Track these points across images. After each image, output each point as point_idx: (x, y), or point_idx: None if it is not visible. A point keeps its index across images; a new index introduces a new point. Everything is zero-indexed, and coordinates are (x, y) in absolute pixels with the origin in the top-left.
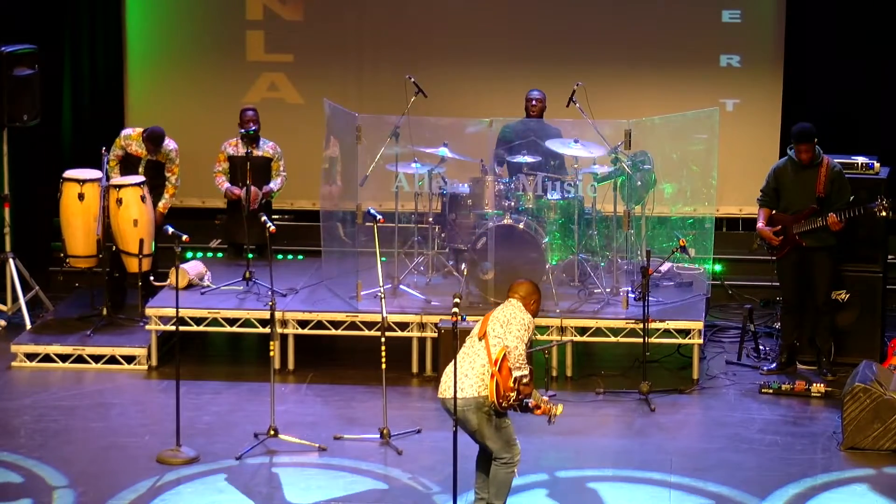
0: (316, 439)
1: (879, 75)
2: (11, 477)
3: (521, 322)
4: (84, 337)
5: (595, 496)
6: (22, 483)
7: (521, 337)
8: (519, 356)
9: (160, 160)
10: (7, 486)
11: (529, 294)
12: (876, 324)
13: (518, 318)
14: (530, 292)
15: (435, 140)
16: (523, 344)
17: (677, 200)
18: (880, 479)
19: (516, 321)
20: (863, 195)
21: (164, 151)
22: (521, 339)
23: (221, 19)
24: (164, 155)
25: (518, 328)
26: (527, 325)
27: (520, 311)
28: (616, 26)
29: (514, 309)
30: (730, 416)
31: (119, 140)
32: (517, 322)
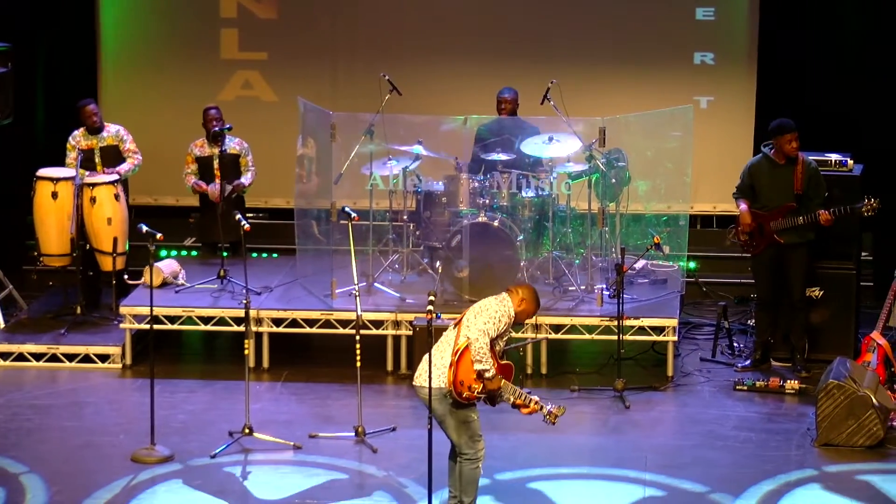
0: (291, 437)
1: (852, 73)
2: None
3: (493, 314)
4: (58, 336)
5: (570, 494)
6: None
7: (487, 329)
8: (479, 349)
9: (112, 144)
10: None
11: (524, 296)
12: (850, 321)
13: (492, 309)
14: (526, 296)
15: (409, 138)
16: (487, 336)
17: (652, 198)
18: (854, 476)
19: (487, 312)
20: (836, 192)
21: (112, 134)
22: (485, 331)
23: (195, 17)
24: (115, 137)
25: (486, 319)
26: (498, 317)
27: (500, 303)
28: (590, 23)
29: (495, 300)
30: (704, 413)
31: (69, 143)
32: (487, 313)
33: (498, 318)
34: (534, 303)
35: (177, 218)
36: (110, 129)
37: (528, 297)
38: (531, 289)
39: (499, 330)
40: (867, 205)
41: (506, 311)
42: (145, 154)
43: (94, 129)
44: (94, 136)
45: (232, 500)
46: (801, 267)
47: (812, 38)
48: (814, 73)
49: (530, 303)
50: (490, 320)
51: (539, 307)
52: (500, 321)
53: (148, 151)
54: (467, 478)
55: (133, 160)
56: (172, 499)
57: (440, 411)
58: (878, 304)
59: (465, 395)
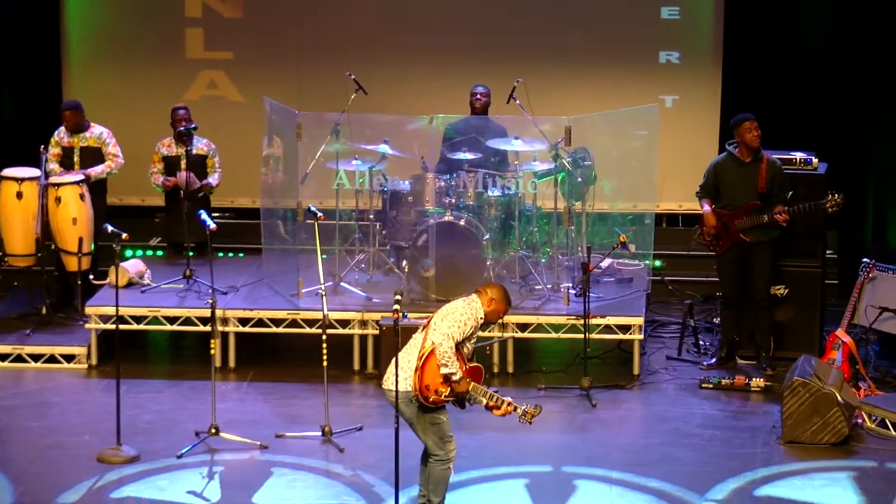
0: (258, 437)
1: (816, 72)
2: None
3: (458, 317)
4: (23, 336)
5: (538, 492)
6: None
7: (451, 333)
8: (444, 353)
9: (93, 145)
10: None
11: (494, 296)
12: (815, 319)
13: (458, 311)
14: (496, 296)
15: (375, 137)
16: (452, 340)
17: (617, 196)
18: (820, 473)
19: (453, 316)
20: (802, 191)
21: (94, 136)
22: (449, 335)
23: (160, 17)
24: (97, 139)
25: (451, 323)
26: (463, 321)
27: (468, 305)
28: (556, 22)
29: (463, 303)
30: (670, 411)
31: (53, 138)
32: (453, 317)
33: (464, 321)
34: (504, 302)
35: (142, 218)
36: (94, 131)
37: (498, 297)
38: (501, 288)
39: (464, 333)
40: (831, 200)
41: (473, 313)
42: None
43: (74, 130)
44: (75, 135)
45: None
46: (765, 265)
47: (776, 37)
48: (778, 71)
49: (500, 303)
50: (455, 324)
51: (510, 306)
52: (466, 324)
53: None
54: (437, 478)
55: (110, 163)
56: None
57: (408, 414)
58: (843, 301)
59: (431, 399)
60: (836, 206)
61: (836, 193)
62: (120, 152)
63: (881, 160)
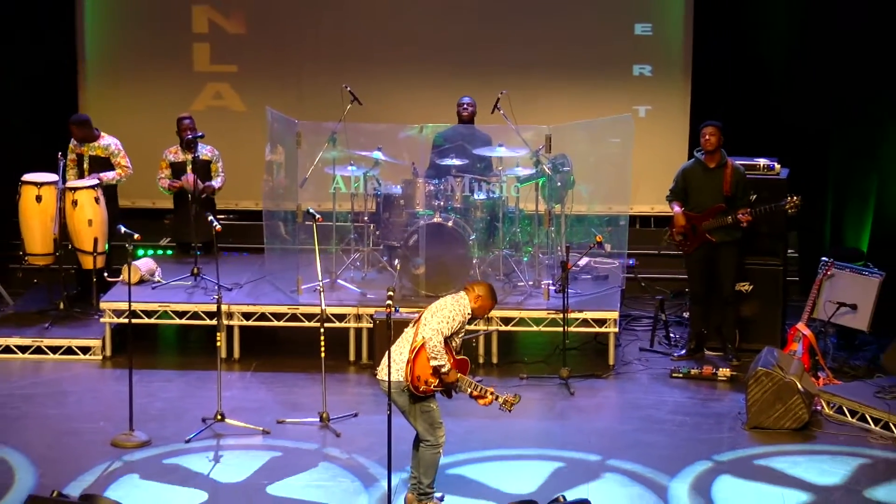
0: (260, 423)
1: (780, 83)
2: None
3: (447, 313)
4: (42, 329)
5: (519, 472)
6: None
7: (440, 329)
8: (434, 347)
9: (100, 155)
10: None
11: (480, 293)
12: (777, 313)
13: (448, 308)
14: (482, 294)
15: (369, 145)
16: (441, 335)
17: (594, 199)
18: (782, 456)
19: (442, 312)
20: (765, 194)
21: (102, 146)
22: (439, 330)
23: (170, 32)
24: (104, 149)
25: (440, 319)
26: (452, 316)
27: (456, 302)
28: (537, 39)
29: (452, 300)
30: (643, 398)
31: (70, 144)
32: (442, 313)
33: (452, 317)
34: (490, 299)
35: (153, 219)
36: (102, 141)
37: (484, 294)
38: (487, 286)
39: (452, 328)
40: (790, 202)
41: (461, 309)
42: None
43: (81, 141)
44: (85, 144)
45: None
46: (731, 263)
47: (743, 51)
48: (745, 82)
49: (486, 299)
50: (444, 320)
51: (496, 302)
52: (454, 320)
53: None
54: (427, 462)
55: (120, 172)
56: (150, 481)
57: (400, 402)
58: (803, 297)
59: (422, 389)
60: (795, 208)
61: (795, 195)
62: (129, 163)
63: (839, 165)
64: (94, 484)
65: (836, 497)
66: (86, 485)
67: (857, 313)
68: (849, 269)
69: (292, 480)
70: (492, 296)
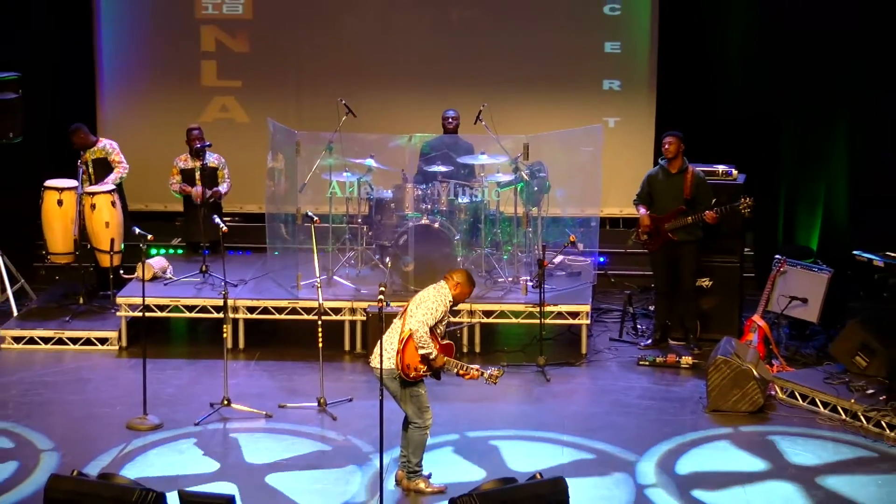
0: (263, 408)
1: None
2: (3, 442)
3: (431, 305)
4: (63, 322)
5: (499, 452)
6: (13, 448)
7: (426, 320)
8: (421, 337)
9: (100, 157)
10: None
11: (459, 281)
12: (735, 306)
13: (430, 300)
14: (460, 281)
15: (363, 153)
16: (426, 326)
17: (568, 203)
18: (739, 436)
19: (426, 304)
20: (723, 198)
21: (100, 148)
22: (424, 322)
23: (180, 50)
24: (102, 151)
25: (424, 311)
26: (434, 307)
27: (437, 292)
28: (515, 56)
29: (434, 290)
30: (613, 384)
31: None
32: (426, 305)
33: (435, 307)
34: (468, 285)
35: (165, 221)
36: (99, 144)
37: (462, 281)
38: (465, 273)
39: (436, 318)
40: (744, 202)
41: (442, 299)
42: (137, 166)
43: (81, 148)
44: (85, 151)
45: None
46: (692, 261)
47: (704, 67)
48: (705, 96)
49: (465, 285)
50: (428, 311)
51: (474, 287)
52: (437, 310)
53: (139, 164)
54: (415, 442)
55: (119, 170)
56: (162, 460)
57: (392, 388)
58: (759, 291)
59: (412, 375)
60: (749, 208)
61: (748, 197)
62: (124, 160)
63: (791, 171)
64: (111, 463)
65: (788, 474)
66: (103, 464)
67: (807, 306)
68: (800, 266)
69: (292, 460)
70: (470, 282)
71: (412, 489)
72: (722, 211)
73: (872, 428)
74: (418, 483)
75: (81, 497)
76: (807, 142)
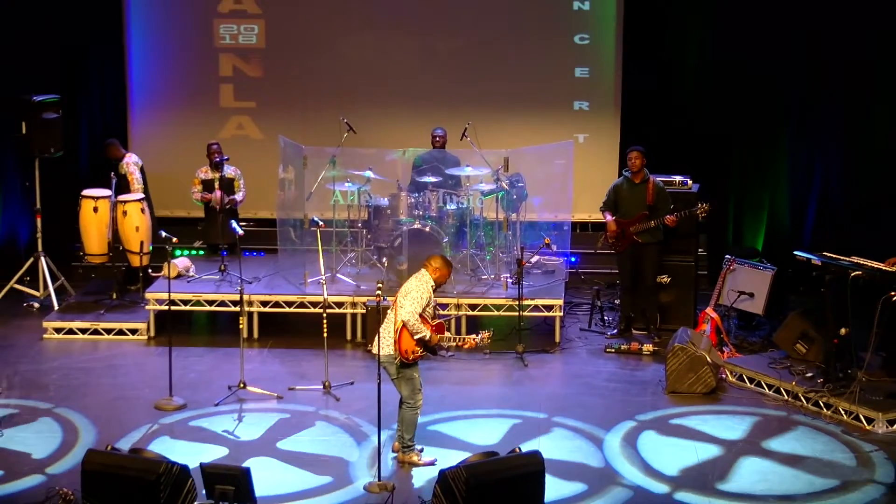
0: (274, 390)
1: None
2: (46, 421)
3: (415, 295)
4: (98, 315)
5: (484, 428)
6: (55, 426)
7: (414, 310)
8: (413, 325)
9: (121, 172)
10: (43, 425)
11: (437, 265)
12: (690, 300)
13: (414, 290)
14: (438, 265)
15: (362, 165)
16: (415, 314)
17: (543, 209)
18: (693, 414)
19: (411, 295)
20: (680, 205)
21: (123, 163)
22: (412, 311)
23: (201, 75)
24: (124, 167)
25: (411, 301)
26: (419, 295)
27: (419, 282)
28: (496, 79)
29: (417, 281)
30: (583, 369)
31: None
32: (412, 296)
33: (420, 295)
34: (446, 267)
35: (187, 226)
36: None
37: (440, 265)
38: (441, 257)
39: (422, 304)
40: (700, 208)
41: (425, 286)
42: (163, 177)
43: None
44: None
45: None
46: (652, 260)
47: (662, 90)
48: (663, 115)
49: (443, 268)
50: (414, 301)
51: (451, 268)
52: (422, 297)
53: (164, 175)
54: (408, 420)
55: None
56: (186, 436)
57: (390, 371)
58: (711, 287)
59: (411, 358)
60: (705, 213)
61: (705, 203)
62: (136, 179)
63: (739, 181)
64: (141, 439)
65: (738, 447)
66: (134, 440)
67: (753, 300)
68: (747, 265)
69: (299, 436)
70: (447, 264)
71: (406, 462)
72: (680, 215)
73: (811, 407)
74: (411, 456)
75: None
76: (752, 156)
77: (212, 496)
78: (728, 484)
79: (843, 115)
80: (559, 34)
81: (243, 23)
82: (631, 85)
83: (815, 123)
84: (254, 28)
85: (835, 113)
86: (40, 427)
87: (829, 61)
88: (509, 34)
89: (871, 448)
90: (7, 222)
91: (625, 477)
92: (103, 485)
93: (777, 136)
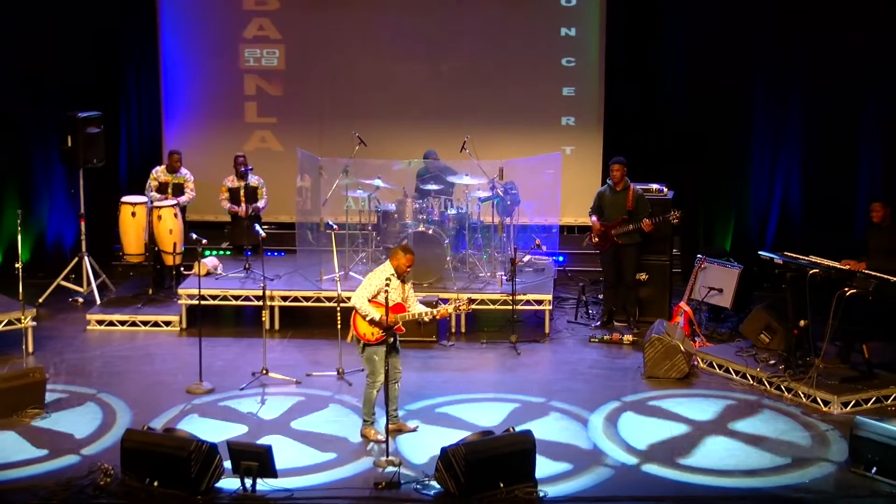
0: (294, 376)
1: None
2: (90, 405)
3: (365, 283)
4: (136, 308)
5: (481, 411)
6: (97, 408)
7: (361, 295)
8: (361, 307)
9: (178, 182)
10: (86, 408)
11: (393, 255)
12: (665, 295)
13: (368, 278)
14: (394, 255)
15: (372, 175)
16: (363, 299)
17: (534, 213)
18: (669, 397)
19: (364, 282)
20: (657, 210)
21: (181, 176)
22: (360, 296)
23: (228, 94)
24: (182, 177)
25: (361, 287)
26: (368, 283)
27: (377, 270)
28: (493, 98)
29: (376, 270)
30: (570, 357)
31: (151, 175)
32: (362, 284)
33: (369, 283)
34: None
35: (216, 229)
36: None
37: (396, 255)
38: (399, 248)
39: (371, 291)
40: (674, 214)
41: (380, 274)
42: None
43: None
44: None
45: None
46: (632, 259)
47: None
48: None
49: (398, 258)
50: (364, 287)
51: (406, 253)
52: (372, 284)
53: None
54: (365, 396)
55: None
56: (214, 417)
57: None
58: (684, 283)
59: (372, 339)
60: (678, 219)
61: (678, 210)
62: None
63: (709, 189)
64: (173, 419)
65: (708, 427)
66: (167, 420)
67: (722, 295)
68: (716, 263)
69: (315, 416)
70: (401, 251)
71: (363, 435)
72: (656, 220)
73: (774, 391)
74: (368, 430)
75: (150, 446)
76: (721, 166)
77: (237, 471)
78: (695, 458)
79: (801, 129)
80: (548, 57)
81: (266, 47)
82: (613, 102)
83: (776, 136)
84: (275, 52)
85: (793, 130)
86: (85, 410)
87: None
88: (504, 58)
89: (826, 427)
90: (55, 226)
91: (609, 456)
92: (140, 461)
93: (742, 149)
